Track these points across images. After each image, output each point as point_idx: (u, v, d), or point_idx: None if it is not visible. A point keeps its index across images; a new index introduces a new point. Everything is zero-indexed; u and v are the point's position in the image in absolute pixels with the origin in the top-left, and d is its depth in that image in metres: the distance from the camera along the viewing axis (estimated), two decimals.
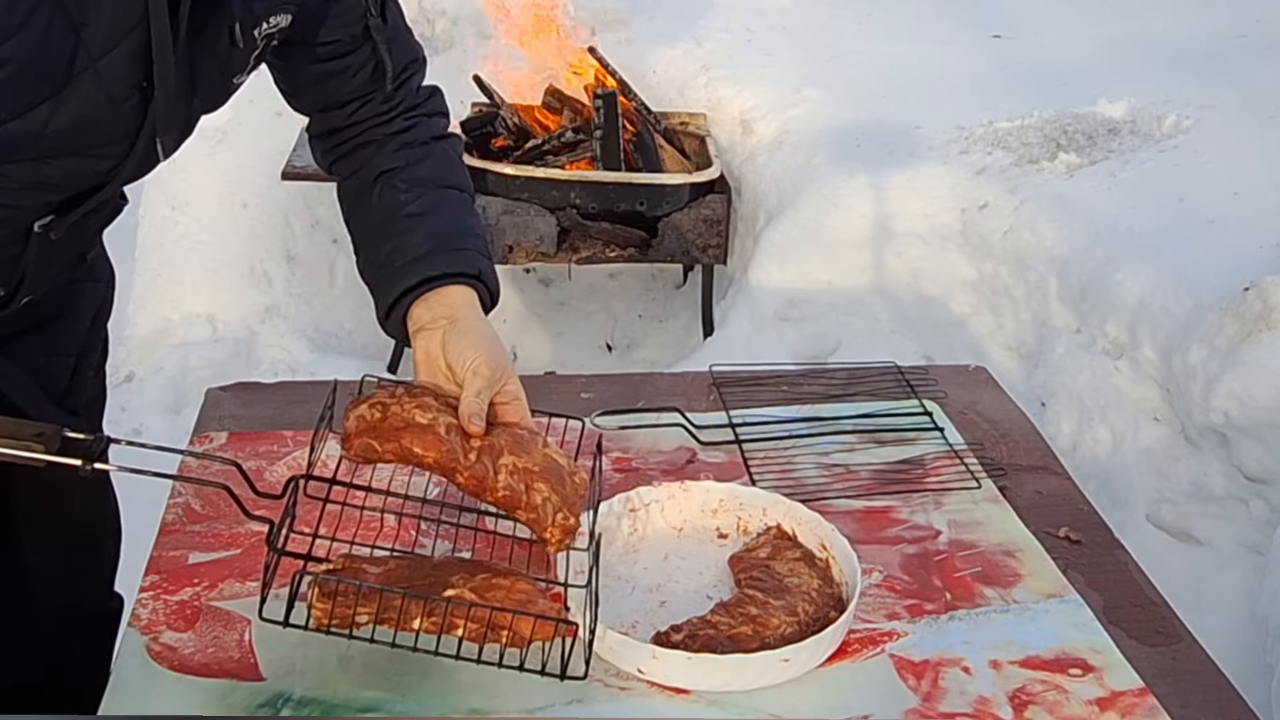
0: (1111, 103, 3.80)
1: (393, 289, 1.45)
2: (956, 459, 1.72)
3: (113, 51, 1.19)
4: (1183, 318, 2.85)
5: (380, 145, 1.53)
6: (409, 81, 1.54)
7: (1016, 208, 3.38)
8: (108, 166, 1.31)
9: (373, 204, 1.52)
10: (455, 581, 1.24)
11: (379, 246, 1.49)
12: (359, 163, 1.55)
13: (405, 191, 1.50)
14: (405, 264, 1.45)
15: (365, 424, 1.31)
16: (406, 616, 1.21)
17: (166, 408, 3.25)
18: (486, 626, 1.20)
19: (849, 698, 1.29)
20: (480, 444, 1.32)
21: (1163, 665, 1.37)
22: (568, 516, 1.31)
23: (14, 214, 1.30)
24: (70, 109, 1.19)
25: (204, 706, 1.26)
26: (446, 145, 1.57)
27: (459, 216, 1.50)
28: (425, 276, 1.43)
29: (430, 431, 1.30)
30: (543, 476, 1.32)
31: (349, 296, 3.82)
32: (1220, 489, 2.76)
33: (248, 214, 3.76)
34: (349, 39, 1.46)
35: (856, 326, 3.47)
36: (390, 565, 1.28)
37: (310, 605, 1.22)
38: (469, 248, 1.46)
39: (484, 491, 1.30)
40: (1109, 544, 1.59)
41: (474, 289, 1.45)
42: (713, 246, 3.67)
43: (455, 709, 1.24)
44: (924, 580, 1.48)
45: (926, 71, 4.20)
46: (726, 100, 4.12)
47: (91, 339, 1.63)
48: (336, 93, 1.51)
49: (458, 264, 1.44)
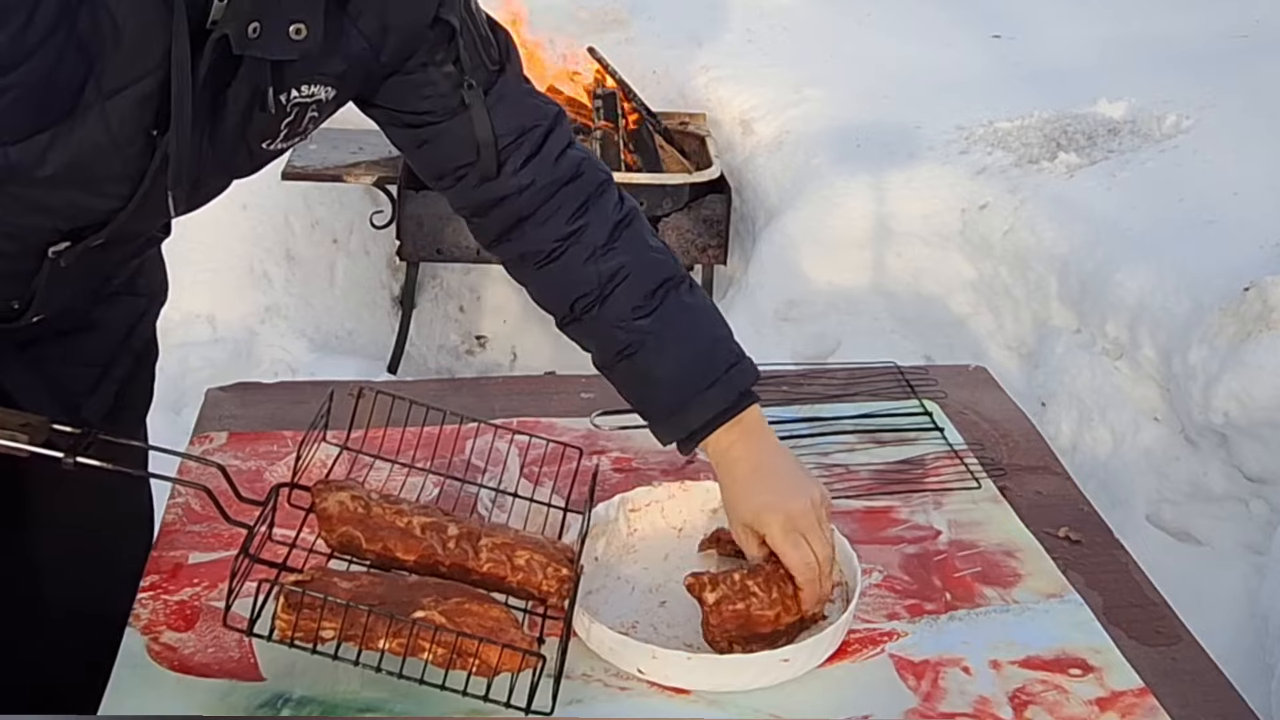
0: (1111, 103, 3.80)
1: (664, 437, 1.42)
2: (956, 459, 1.72)
3: (124, 91, 1.15)
4: (1183, 318, 2.85)
5: (557, 259, 1.40)
6: (541, 152, 1.39)
7: (1016, 208, 3.38)
8: (111, 206, 1.27)
9: (592, 342, 1.43)
10: (426, 603, 1.23)
11: (625, 390, 1.44)
12: (545, 281, 1.43)
13: (621, 329, 1.38)
14: (660, 417, 1.41)
15: (348, 515, 1.32)
16: (372, 635, 1.20)
17: (166, 408, 3.25)
18: (454, 652, 1.19)
19: (849, 698, 1.29)
20: (458, 531, 1.33)
21: (1163, 665, 1.37)
22: (559, 568, 1.32)
23: (23, 234, 1.28)
24: (71, 141, 1.16)
25: (204, 706, 1.26)
26: (630, 242, 1.40)
27: (691, 334, 1.40)
28: (685, 435, 1.39)
29: (407, 534, 1.32)
30: (521, 544, 1.33)
31: (349, 296, 3.82)
32: (1220, 489, 2.76)
33: (248, 214, 3.76)
34: (442, 110, 1.35)
35: (856, 326, 3.47)
36: (362, 581, 1.26)
37: (275, 616, 1.20)
38: (714, 378, 1.38)
39: (468, 572, 1.31)
40: (1109, 544, 1.59)
41: (736, 416, 1.39)
42: (713, 246, 3.67)
43: (455, 709, 1.24)
44: (924, 580, 1.48)
45: (926, 71, 4.20)
46: (726, 100, 4.11)
47: (122, 352, 1.58)
48: (439, 161, 1.40)
49: (710, 408, 1.38)
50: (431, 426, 1.58)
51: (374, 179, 3.56)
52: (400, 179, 3.54)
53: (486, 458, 1.65)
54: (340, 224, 3.90)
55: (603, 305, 1.39)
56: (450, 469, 1.58)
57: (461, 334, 3.96)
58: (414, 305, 3.78)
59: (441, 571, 1.32)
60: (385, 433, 1.57)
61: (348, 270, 3.86)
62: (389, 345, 3.71)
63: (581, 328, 1.43)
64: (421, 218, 3.56)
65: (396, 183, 3.56)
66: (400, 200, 3.57)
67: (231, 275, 3.65)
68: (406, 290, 3.74)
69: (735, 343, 1.43)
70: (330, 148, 3.63)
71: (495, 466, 1.61)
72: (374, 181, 3.57)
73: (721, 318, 1.44)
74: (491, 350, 3.92)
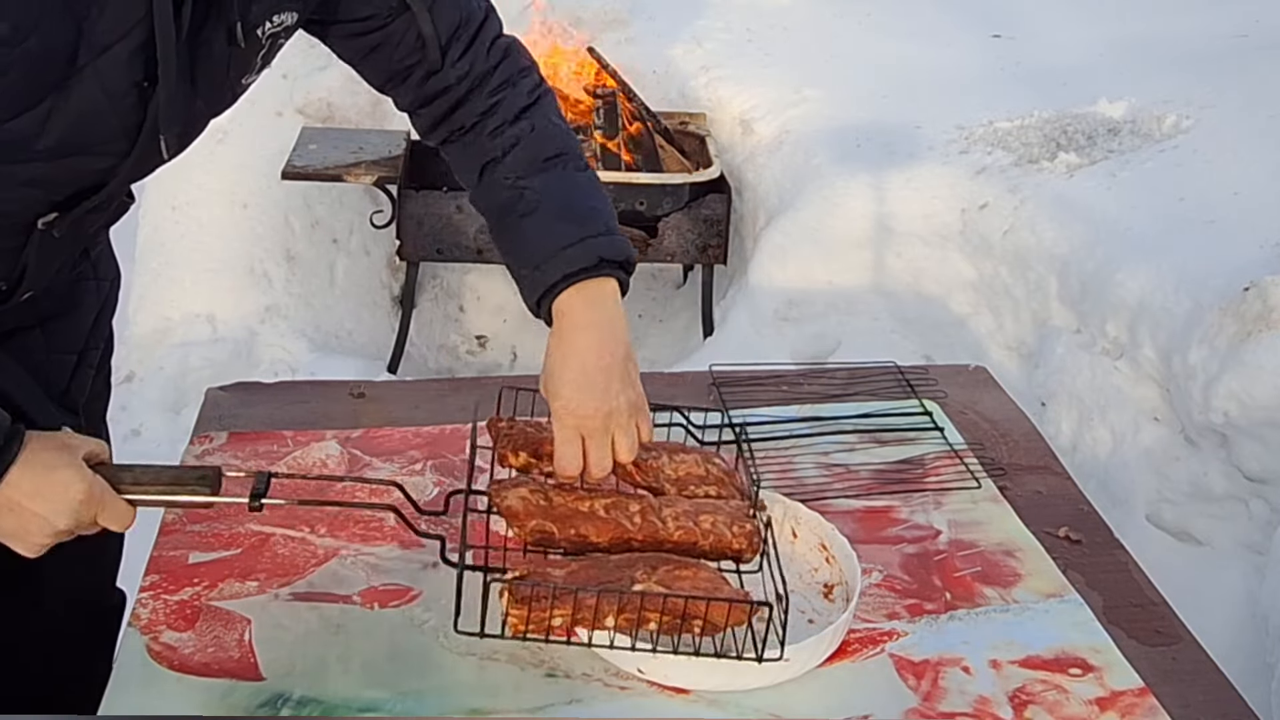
0: (1111, 103, 3.80)
1: (528, 298, 1.45)
2: (956, 459, 1.72)
3: (114, 47, 1.19)
4: (1183, 318, 2.85)
5: (477, 131, 1.49)
6: (473, 46, 1.48)
7: (1016, 208, 3.38)
8: (108, 165, 1.30)
9: (487, 203, 1.49)
10: (640, 576, 1.27)
11: (502, 249, 1.49)
12: (468, 155, 1.51)
13: (509, 188, 1.46)
14: (526, 274, 1.43)
15: (534, 508, 1.36)
16: (599, 615, 1.24)
17: (166, 407, 3.25)
18: (680, 617, 1.23)
19: (849, 697, 1.29)
20: (639, 507, 1.38)
21: (1163, 665, 1.37)
22: (743, 524, 1.37)
23: (16, 210, 1.30)
24: (70, 107, 1.19)
25: (204, 706, 1.26)
26: (534, 115, 1.49)
27: (567, 199, 1.45)
28: (541, 293, 1.42)
29: (594, 516, 1.36)
30: (702, 510, 1.38)
31: (349, 296, 3.82)
32: (1220, 489, 2.76)
33: (248, 214, 3.76)
34: (385, 11, 1.41)
35: (856, 326, 3.47)
36: (572, 567, 1.30)
37: (505, 613, 1.24)
38: (577, 239, 1.41)
39: (660, 543, 1.35)
40: (1109, 544, 1.59)
41: (594, 279, 1.41)
42: (713, 246, 3.67)
43: (455, 709, 1.24)
44: (924, 580, 1.48)
45: (926, 71, 4.20)
46: (726, 100, 4.11)
47: (93, 337, 1.62)
48: (388, 64, 1.46)
49: (567, 265, 1.40)
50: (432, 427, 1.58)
51: (374, 179, 3.56)
52: (400, 179, 3.54)
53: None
54: (340, 224, 3.90)
55: (499, 165, 1.47)
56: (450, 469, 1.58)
57: (461, 334, 3.96)
58: (414, 305, 3.78)
59: (634, 546, 1.35)
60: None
61: (348, 270, 3.86)
62: (389, 345, 3.71)
63: (482, 189, 1.49)
64: (421, 218, 3.56)
65: (396, 183, 3.56)
66: (400, 200, 3.57)
67: (231, 275, 3.65)
68: (406, 290, 3.74)
69: (613, 220, 1.46)
70: (330, 148, 3.63)
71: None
72: (374, 181, 3.57)
73: (605, 196, 1.49)
74: (491, 350, 3.92)
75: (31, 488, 1.21)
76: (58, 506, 1.22)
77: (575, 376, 1.37)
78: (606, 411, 1.37)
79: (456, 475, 1.64)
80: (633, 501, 1.39)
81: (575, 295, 1.40)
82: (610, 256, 1.41)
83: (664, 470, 1.45)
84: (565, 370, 1.38)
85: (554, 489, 1.38)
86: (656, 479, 1.45)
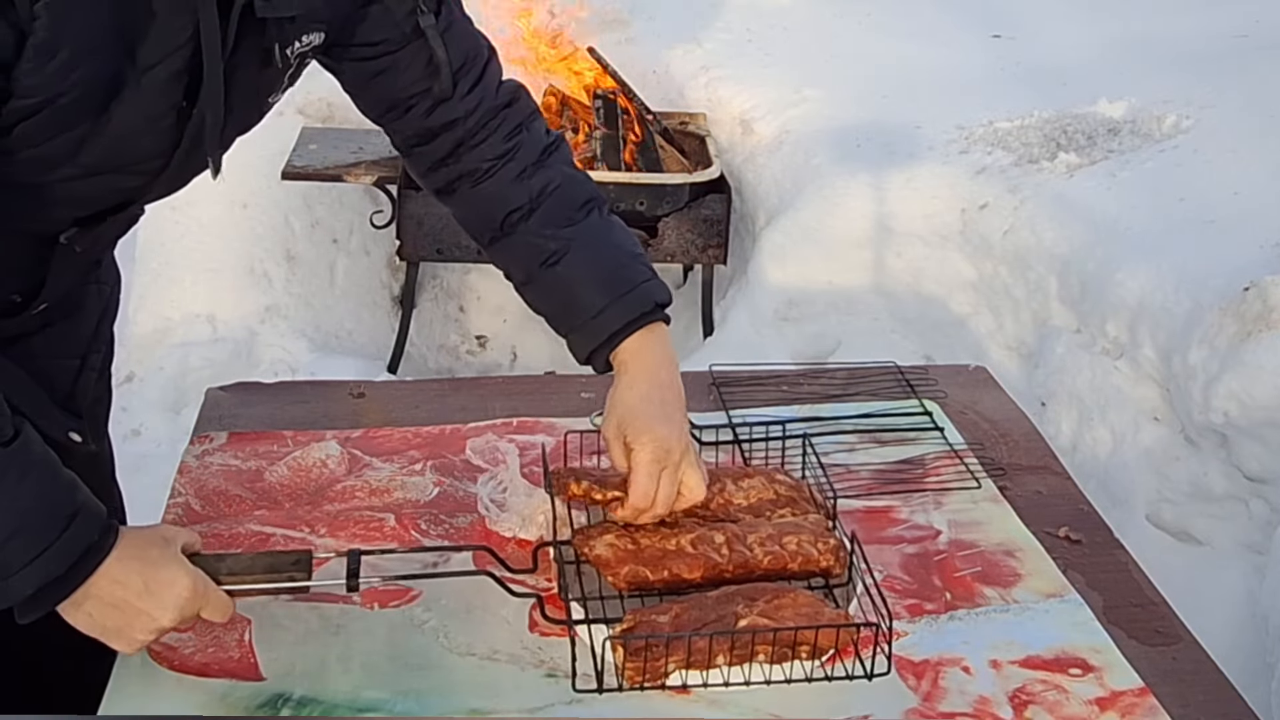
0: (1111, 103, 3.80)
1: (583, 347, 1.47)
2: (956, 459, 1.72)
3: (155, 69, 1.19)
4: (1183, 318, 2.85)
5: (498, 179, 1.48)
6: (483, 80, 1.47)
7: (1016, 208, 3.38)
8: (139, 183, 1.31)
9: (515, 255, 1.49)
10: (741, 611, 1.29)
11: (545, 301, 1.49)
12: (485, 203, 1.49)
13: (549, 238, 1.45)
14: (580, 324, 1.46)
15: (624, 553, 1.37)
16: (710, 657, 1.25)
17: (166, 408, 3.25)
18: (788, 646, 1.26)
19: (849, 698, 1.29)
20: (724, 537, 1.39)
21: (1163, 665, 1.37)
22: (826, 540, 1.40)
23: (41, 226, 1.31)
24: (109, 129, 1.20)
25: (204, 706, 1.26)
26: (559, 161, 1.50)
27: (613, 247, 1.47)
28: (602, 340, 1.44)
29: (683, 554, 1.37)
30: (783, 531, 1.40)
31: (349, 296, 3.82)
32: (1220, 489, 2.76)
33: (248, 214, 3.75)
34: (398, 37, 1.41)
35: (856, 326, 3.47)
36: (674, 611, 1.31)
37: (621, 667, 1.25)
38: (632, 285, 1.44)
39: (751, 571, 1.37)
40: (1109, 544, 1.59)
41: (647, 325, 1.44)
42: (713, 246, 3.67)
43: (455, 709, 1.24)
44: (924, 580, 1.48)
45: (926, 71, 4.20)
46: (726, 100, 4.11)
47: (96, 341, 1.62)
48: (392, 91, 1.45)
49: (628, 312, 1.43)
50: (432, 427, 1.58)
51: (374, 179, 3.56)
52: (400, 179, 3.54)
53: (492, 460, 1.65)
54: (340, 224, 3.90)
55: (533, 216, 1.46)
56: (450, 469, 1.58)
57: (461, 334, 3.96)
58: (414, 305, 3.78)
59: (727, 578, 1.36)
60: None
61: (348, 270, 3.86)
62: (389, 345, 3.71)
63: (510, 240, 1.48)
64: (421, 218, 3.56)
65: (396, 183, 3.56)
66: (400, 200, 3.57)
67: (231, 275, 3.64)
68: (406, 290, 3.74)
69: (649, 264, 1.49)
70: (330, 148, 3.63)
71: (495, 466, 1.61)
72: (374, 181, 3.56)
73: (637, 241, 1.52)
74: (491, 350, 3.92)
75: (140, 585, 1.19)
76: (164, 603, 1.20)
77: (658, 412, 1.40)
78: (683, 448, 1.41)
79: (456, 475, 1.64)
80: (716, 533, 1.40)
81: (639, 339, 1.44)
82: (661, 300, 1.46)
83: (733, 500, 1.48)
84: (649, 407, 1.40)
85: (637, 531, 1.40)
86: (727, 510, 1.47)
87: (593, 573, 1.38)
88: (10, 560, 1.14)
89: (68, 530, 1.15)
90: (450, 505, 1.58)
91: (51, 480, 1.18)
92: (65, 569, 1.15)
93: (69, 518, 1.16)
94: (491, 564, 1.37)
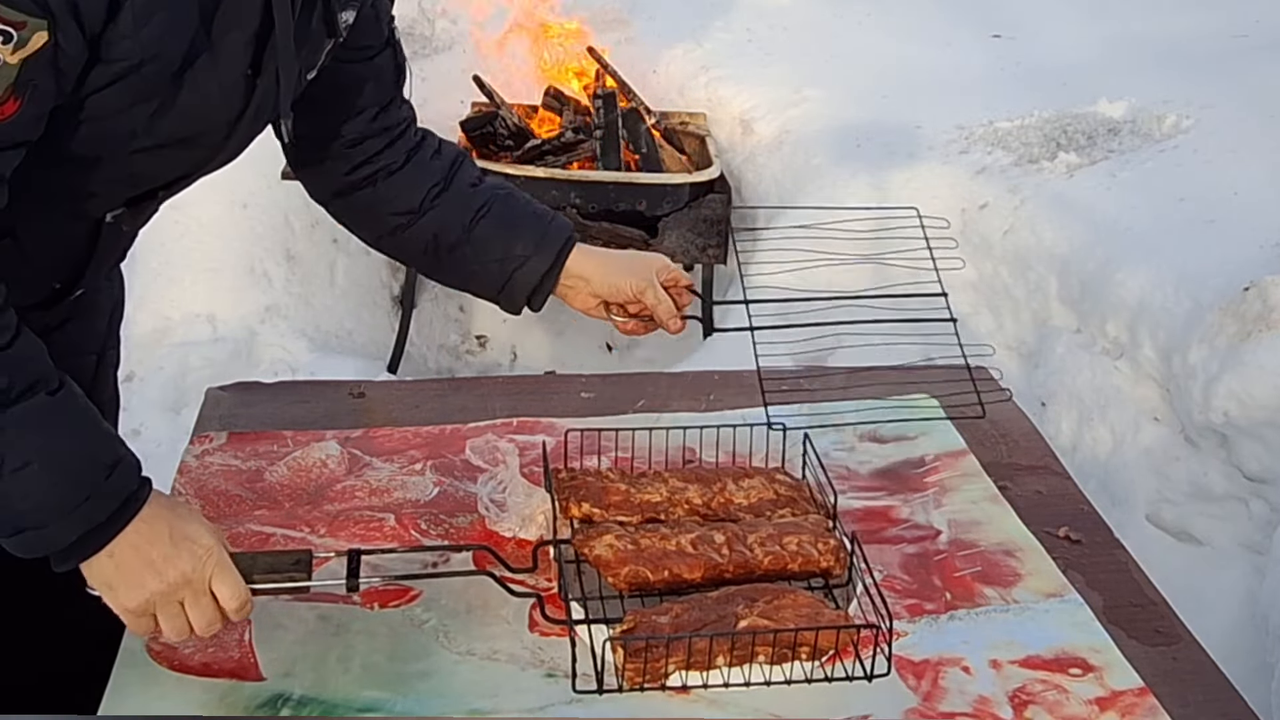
0: (1111, 103, 3.79)
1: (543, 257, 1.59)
2: (956, 458, 1.72)
3: (230, 35, 1.21)
4: (1183, 318, 2.85)
5: (416, 163, 1.57)
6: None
7: (1016, 208, 3.38)
8: (201, 156, 1.33)
9: (450, 217, 1.57)
10: (742, 612, 1.29)
11: (484, 244, 1.58)
12: (405, 186, 1.57)
13: (473, 195, 1.58)
14: (534, 244, 1.57)
15: (624, 554, 1.37)
16: (710, 658, 1.25)
17: (166, 407, 3.25)
18: (788, 647, 1.26)
19: (849, 698, 1.29)
20: (724, 537, 1.40)
21: (1163, 665, 1.37)
22: (827, 540, 1.40)
23: (97, 206, 1.32)
24: (182, 99, 1.21)
25: (204, 706, 1.26)
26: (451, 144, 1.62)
27: (516, 193, 1.62)
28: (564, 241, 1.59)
29: (683, 554, 1.38)
30: (784, 531, 1.41)
31: (349, 296, 3.82)
32: (1220, 489, 2.76)
33: (248, 214, 3.75)
34: (379, 44, 1.47)
35: (856, 326, 3.46)
36: (674, 611, 1.31)
37: (621, 667, 1.25)
38: (551, 216, 1.62)
39: (751, 571, 1.37)
40: (1109, 544, 1.59)
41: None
42: (713, 246, 3.67)
43: (455, 709, 1.24)
44: (924, 580, 1.48)
45: (926, 71, 4.20)
46: (726, 100, 4.11)
47: (110, 338, 1.63)
48: (354, 100, 1.51)
49: (563, 230, 1.61)
50: (431, 427, 1.58)
51: None
52: None
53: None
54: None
55: (452, 183, 1.57)
56: (450, 469, 1.58)
57: (461, 334, 3.95)
58: (414, 305, 3.77)
59: (727, 578, 1.37)
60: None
61: (348, 270, 3.86)
62: (389, 345, 3.71)
63: (434, 213, 1.57)
64: None
65: None
66: None
67: (231, 275, 3.64)
68: (406, 290, 3.73)
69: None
70: None
71: (495, 466, 1.61)
72: None
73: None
74: (491, 350, 3.92)
75: (167, 535, 1.20)
76: (183, 554, 1.21)
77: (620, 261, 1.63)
78: (654, 265, 1.64)
79: (456, 475, 1.64)
80: (716, 532, 1.41)
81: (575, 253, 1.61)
82: (572, 232, 1.64)
83: (734, 499, 1.49)
84: (639, 257, 1.65)
85: (637, 532, 1.41)
86: (728, 510, 1.48)
87: (593, 573, 1.38)
88: (54, 507, 1.16)
89: (110, 479, 1.18)
90: (450, 505, 1.58)
91: (94, 429, 1.20)
92: (106, 516, 1.18)
93: (110, 466, 1.19)
94: (491, 564, 1.36)
